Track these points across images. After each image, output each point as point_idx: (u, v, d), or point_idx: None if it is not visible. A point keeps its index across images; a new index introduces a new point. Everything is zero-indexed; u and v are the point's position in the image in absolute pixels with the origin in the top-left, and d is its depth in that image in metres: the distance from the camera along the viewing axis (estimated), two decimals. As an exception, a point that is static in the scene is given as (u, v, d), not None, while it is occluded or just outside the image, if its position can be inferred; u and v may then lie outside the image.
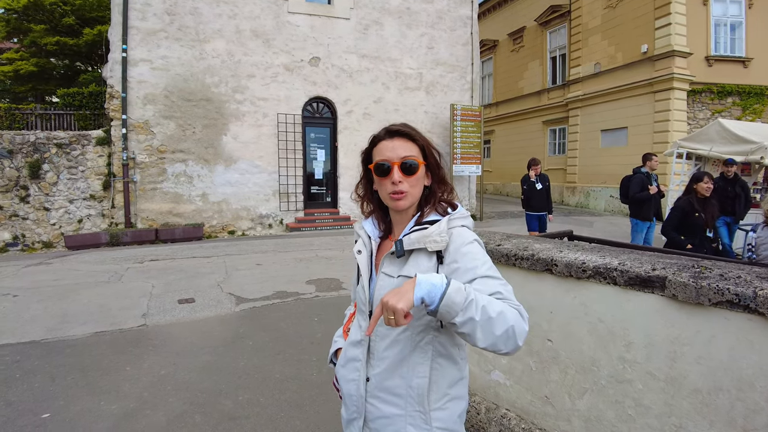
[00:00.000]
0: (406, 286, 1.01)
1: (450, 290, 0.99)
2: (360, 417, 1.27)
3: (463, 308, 0.99)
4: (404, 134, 1.28)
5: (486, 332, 1.01)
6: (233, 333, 4.83)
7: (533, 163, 8.41)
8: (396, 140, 1.27)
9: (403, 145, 1.26)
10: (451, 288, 1.00)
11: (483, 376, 2.67)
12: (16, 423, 3.11)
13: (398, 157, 1.24)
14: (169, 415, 3.20)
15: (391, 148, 1.26)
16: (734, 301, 1.51)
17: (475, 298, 1.01)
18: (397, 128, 1.29)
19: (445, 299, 0.99)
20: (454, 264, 1.16)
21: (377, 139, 1.30)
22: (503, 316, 1.02)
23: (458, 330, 1.03)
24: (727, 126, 8.78)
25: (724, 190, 7.32)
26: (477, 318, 1.00)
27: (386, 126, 1.32)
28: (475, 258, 1.16)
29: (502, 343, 1.02)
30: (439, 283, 1.00)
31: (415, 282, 1.01)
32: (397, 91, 13.37)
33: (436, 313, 1.01)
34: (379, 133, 1.31)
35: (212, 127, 11.54)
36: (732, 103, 14.57)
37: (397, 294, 0.99)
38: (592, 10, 16.55)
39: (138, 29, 10.76)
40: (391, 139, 1.28)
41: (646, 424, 1.81)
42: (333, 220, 12.57)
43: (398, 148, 1.25)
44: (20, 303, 5.90)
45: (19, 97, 16.36)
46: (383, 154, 1.26)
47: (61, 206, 10.59)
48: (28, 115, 11.67)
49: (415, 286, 1.00)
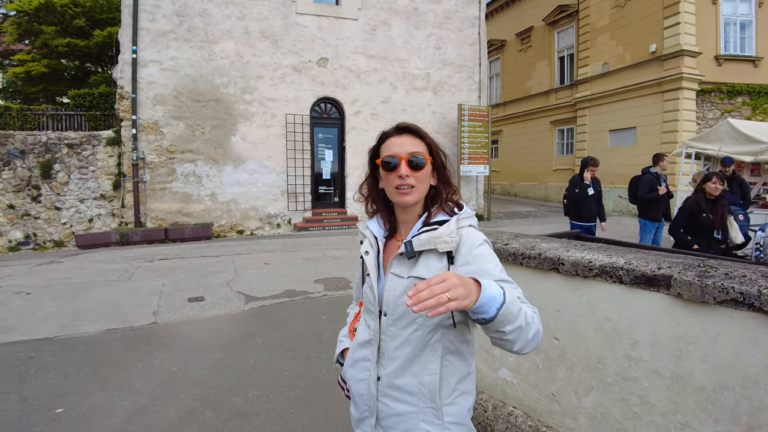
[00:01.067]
0: (469, 285, 0.97)
1: (507, 301, 1.01)
2: (372, 416, 1.28)
3: (515, 318, 1.02)
4: (413, 131, 1.30)
5: (523, 338, 1.05)
6: (242, 331, 4.89)
7: (591, 163, 6.89)
8: (404, 137, 1.29)
9: (411, 141, 1.28)
10: (508, 299, 1.01)
11: (490, 374, 2.69)
12: (30, 418, 3.18)
13: (406, 153, 1.25)
14: (180, 411, 3.25)
15: (399, 143, 1.27)
16: (739, 300, 1.53)
17: (522, 307, 1.05)
18: (406, 125, 1.31)
19: (503, 310, 1.00)
20: (467, 266, 1.18)
21: (386, 135, 1.32)
22: (534, 321, 1.07)
23: (503, 337, 1.04)
24: (737, 126, 8.72)
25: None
26: (523, 326, 1.04)
27: (395, 124, 1.34)
28: (487, 261, 1.19)
29: (529, 346, 1.07)
30: (498, 294, 1.01)
31: (479, 286, 0.99)
32: (404, 92, 13.40)
33: (488, 321, 1.01)
34: (388, 130, 1.33)
35: (221, 128, 11.63)
36: (742, 102, 14.46)
37: (464, 287, 0.95)
38: (600, 10, 16.48)
39: (148, 30, 10.86)
40: (399, 135, 1.29)
41: (652, 422, 1.83)
42: (341, 219, 12.62)
43: (406, 144, 1.27)
44: (33, 301, 6.00)
45: (31, 98, 16.54)
46: (391, 150, 1.27)
47: (72, 206, 10.71)
48: (40, 116, 11.82)
49: (481, 292, 0.98)
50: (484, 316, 1.00)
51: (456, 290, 0.92)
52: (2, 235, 10.25)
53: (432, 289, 0.91)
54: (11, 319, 5.26)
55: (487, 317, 1.00)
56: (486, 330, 1.06)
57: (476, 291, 0.98)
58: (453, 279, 0.94)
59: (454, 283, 0.92)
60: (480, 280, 1.00)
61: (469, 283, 0.97)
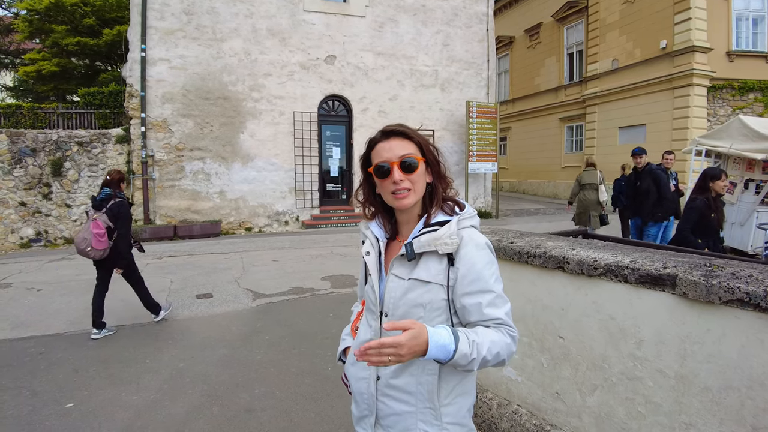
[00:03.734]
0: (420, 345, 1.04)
1: (457, 355, 1.07)
2: (371, 414, 1.29)
3: (468, 362, 1.09)
4: (400, 133, 1.27)
5: (481, 365, 1.14)
6: (250, 328, 4.92)
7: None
8: (392, 140, 1.26)
9: (400, 144, 1.25)
10: (459, 352, 1.07)
11: (495, 372, 2.69)
12: (41, 412, 3.23)
13: (396, 157, 1.23)
14: (187, 407, 3.28)
15: (388, 148, 1.25)
16: (745, 300, 1.52)
17: (477, 354, 1.10)
18: (392, 128, 1.28)
19: (456, 356, 1.07)
20: (465, 270, 1.19)
21: (374, 141, 1.30)
22: (498, 355, 1.14)
23: (460, 369, 1.14)
24: (748, 123, 8.58)
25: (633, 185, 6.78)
26: (476, 367, 1.12)
27: (381, 128, 1.32)
28: (484, 267, 1.20)
29: (494, 364, 1.17)
30: (449, 343, 1.07)
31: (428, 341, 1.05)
32: (412, 89, 13.37)
33: (443, 363, 1.11)
34: (374, 136, 1.31)
35: (229, 125, 11.68)
36: (754, 99, 14.27)
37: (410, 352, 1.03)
38: (610, 6, 16.33)
39: (156, 29, 10.93)
40: (387, 140, 1.27)
41: (656, 422, 1.82)
42: (348, 217, 12.64)
43: (395, 148, 1.24)
44: (44, 297, 6.08)
45: (42, 97, 16.71)
46: (381, 156, 1.25)
47: (82, 203, 10.81)
48: (51, 115, 11.94)
49: (428, 348, 1.05)
50: (440, 360, 1.08)
51: (399, 355, 1.01)
52: (14, 232, 10.38)
53: (381, 350, 1.01)
54: (23, 315, 5.34)
55: (442, 361, 1.08)
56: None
57: (423, 350, 1.04)
58: (402, 348, 1.01)
59: (399, 353, 1.01)
60: (430, 336, 1.05)
61: (422, 342, 1.04)
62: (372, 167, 1.29)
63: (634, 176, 6.88)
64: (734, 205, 8.28)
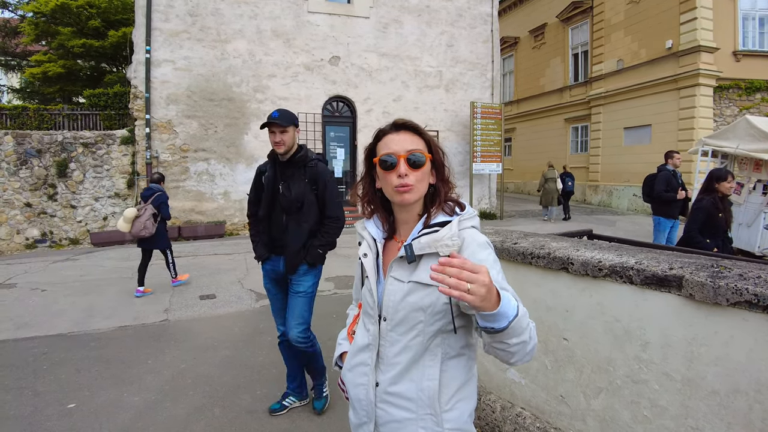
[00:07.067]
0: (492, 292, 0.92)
1: (519, 315, 0.97)
2: (370, 422, 1.25)
3: (521, 332, 0.99)
4: (411, 128, 1.24)
5: (522, 352, 1.03)
6: (252, 329, 4.91)
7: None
8: (402, 134, 1.23)
9: (409, 138, 1.22)
10: (521, 313, 0.98)
11: (499, 375, 2.66)
12: (43, 412, 3.22)
13: (405, 150, 1.20)
14: (189, 408, 3.27)
15: (397, 141, 1.22)
16: (753, 302, 1.48)
17: (528, 324, 1.02)
18: (403, 121, 1.26)
19: (514, 323, 0.96)
20: None
21: (383, 132, 1.27)
22: (533, 336, 1.05)
23: (506, 348, 1.01)
24: (755, 123, 8.51)
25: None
26: (527, 340, 1.01)
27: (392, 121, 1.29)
28: (490, 267, 1.12)
29: (524, 360, 1.05)
30: (513, 307, 0.98)
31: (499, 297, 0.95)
32: (416, 90, 13.35)
33: (496, 332, 0.98)
34: (384, 127, 1.28)
35: (234, 127, 11.70)
36: (761, 99, 14.16)
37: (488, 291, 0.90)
38: (615, 6, 16.26)
39: (161, 30, 10.97)
40: (397, 132, 1.24)
41: (662, 426, 1.79)
42: (352, 218, 12.61)
43: (404, 142, 1.21)
44: (48, 297, 6.09)
45: (48, 98, 16.78)
46: (389, 147, 1.22)
47: (87, 204, 10.86)
48: (56, 116, 11.99)
49: (499, 304, 0.94)
50: (494, 326, 0.96)
51: (479, 288, 0.88)
52: (20, 232, 10.43)
53: (462, 273, 0.87)
54: (27, 316, 5.35)
55: (496, 327, 0.96)
56: (490, 339, 1.02)
57: (495, 301, 0.93)
58: (485, 277, 0.89)
59: (482, 281, 0.88)
60: (500, 291, 0.96)
61: (493, 290, 0.93)
62: (377, 158, 1.24)
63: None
64: (741, 206, 8.20)
